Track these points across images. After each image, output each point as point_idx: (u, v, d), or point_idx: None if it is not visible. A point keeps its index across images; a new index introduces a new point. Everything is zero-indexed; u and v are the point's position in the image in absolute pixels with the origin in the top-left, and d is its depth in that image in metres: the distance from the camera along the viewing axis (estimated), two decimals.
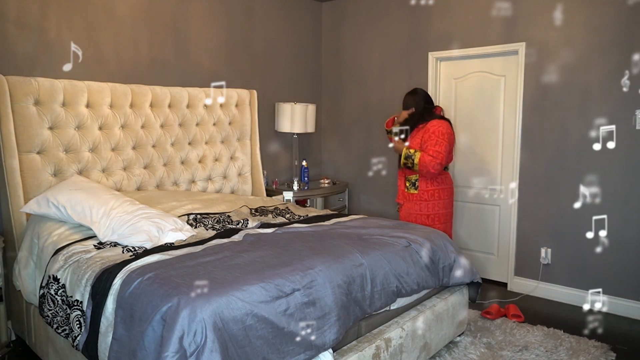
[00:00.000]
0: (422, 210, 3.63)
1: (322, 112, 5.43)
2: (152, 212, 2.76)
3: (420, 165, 3.50)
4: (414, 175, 3.64)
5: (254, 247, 2.48)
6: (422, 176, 3.60)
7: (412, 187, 3.65)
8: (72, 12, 3.34)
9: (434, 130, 3.50)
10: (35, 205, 2.79)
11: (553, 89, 3.83)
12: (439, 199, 3.62)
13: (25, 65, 3.14)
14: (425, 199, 3.61)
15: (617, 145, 3.56)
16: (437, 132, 3.49)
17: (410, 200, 3.68)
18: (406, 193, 3.70)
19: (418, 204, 3.64)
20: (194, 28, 4.09)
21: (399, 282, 2.52)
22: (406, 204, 3.71)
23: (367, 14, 4.93)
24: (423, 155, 3.49)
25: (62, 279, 2.38)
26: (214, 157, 4.10)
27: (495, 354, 2.95)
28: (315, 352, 2.04)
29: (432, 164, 3.46)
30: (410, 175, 3.66)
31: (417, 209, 3.65)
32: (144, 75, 3.76)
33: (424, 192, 3.61)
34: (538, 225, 3.99)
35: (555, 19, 3.76)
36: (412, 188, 3.65)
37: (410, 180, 3.66)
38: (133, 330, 1.92)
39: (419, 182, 3.62)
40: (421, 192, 3.62)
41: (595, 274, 3.73)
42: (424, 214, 3.63)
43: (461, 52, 4.30)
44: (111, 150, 3.42)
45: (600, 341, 3.15)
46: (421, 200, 3.63)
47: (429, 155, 3.46)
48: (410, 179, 3.66)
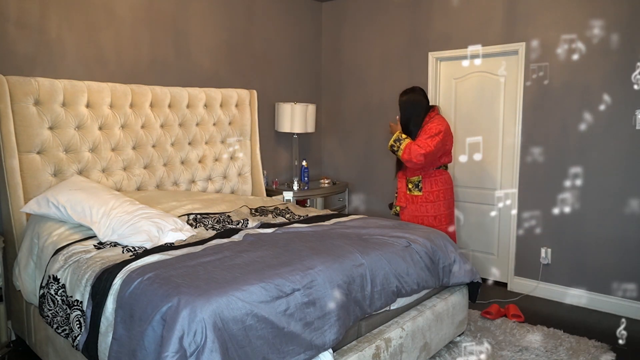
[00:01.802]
0: (429, 211, 3.55)
1: (322, 112, 5.43)
2: (152, 212, 2.76)
3: (404, 152, 3.40)
4: (416, 177, 3.56)
5: (254, 247, 2.48)
6: (425, 176, 3.54)
7: (416, 189, 3.56)
8: (72, 12, 3.34)
9: (432, 126, 3.43)
10: (35, 205, 2.79)
11: (553, 88, 3.83)
12: (444, 200, 3.56)
13: (25, 65, 3.14)
14: (431, 200, 3.54)
15: (617, 145, 3.56)
16: (434, 128, 3.40)
17: (414, 202, 3.59)
18: (409, 195, 3.62)
19: (424, 205, 3.56)
20: (194, 28, 4.09)
21: (399, 282, 2.52)
22: (409, 206, 3.61)
23: (367, 14, 4.93)
24: (411, 143, 3.40)
25: (62, 279, 2.38)
26: (214, 157, 4.10)
27: (495, 354, 2.95)
28: (315, 352, 2.04)
29: (416, 153, 3.34)
30: (412, 177, 3.58)
31: (424, 211, 3.56)
32: (144, 75, 3.76)
33: (430, 194, 3.54)
34: (538, 225, 3.99)
35: (555, 19, 3.76)
36: (415, 190, 3.57)
37: (413, 181, 3.58)
38: (133, 330, 1.92)
39: (423, 183, 3.54)
40: (426, 194, 3.54)
41: (595, 274, 3.73)
42: (431, 216, 3.55)
43: (461, 52, 4.30)
44: (111, 150, 3.42)
45: (600, 341, 3.15)
46: (427, 202, 3.55)
47: (416, 145, 3.37)
48: (412, 180, 3.58)
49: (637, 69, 3.48)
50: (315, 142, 5.39)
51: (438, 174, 3.56)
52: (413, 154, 3.36)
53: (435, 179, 3.55)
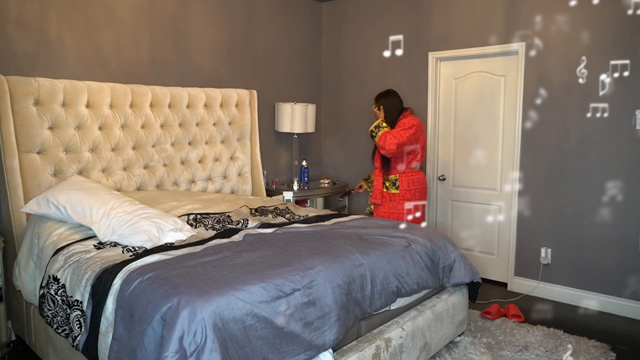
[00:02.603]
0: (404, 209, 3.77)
1: (322, 112, 5.43)
2: (152, 212, 2.76)
3: (380, 139, 3.70)
4: (393, 176, 3.80)
5: (254, 247, 2.48)
6: (401, 175, 3.78)
7: (393, 187, 3.80)
8: (72, 12, 3.34)
9: (406, 121, 3.73)
10: (35, 205, 2.79)
11: (553, 89, 3.83)
12: (419, 198, 3.81)
13: (25, 65, 3.14)
14: (407, 198, 3.77)
15: (617, 145, 3.56)
16: (408, 123, 3.71)
17: (392, 200, 3.81)
18: (385, 193, 3.84)
19: (401, 203, 3.78)
20: (195, 28, 4.09)
21: (399, 282, 2.52)
22: (385, 203, 3.83)
23: (367, 14, 4.94)
24: (388, 132, 3.69)
25: (62, 279, 2.38)
26: (214, 157, 4.10)
27: (495, 354, 2.95)
28: (315, 352, 2.04)
29: (390, 142, 3.64)
30: (390, 176, 3.81)
31: (400, 208, 3.77)
32: (144, 75, 3.76)
33: (407, 192, 3.78)
34: (538, 225, 3.99)
35: (555, 19, 3.76)
36: (392, 188, 3.80)
37: (390, 180, 3.81)
38: (133, 330, 1.92)
39: (400, 181, 3.78)
40: (403, 192, 3.77)
41: (595, 274, 3.73)
42: (406, 213, 3.77)
43: (461, 52, 4.30)
44: (111, 150, 3.42)
45: (600, 341, 3.15)
46: (404, 200, 3.77)
47: (392, 134, 3.66)
48: (389, 178, 3.82)
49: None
50: (315, 142, 5.39)
51: (414, 173, 3.82)
52: (387, 142, 3.66)
53: (412, 178, 3.80)
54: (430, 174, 4.61)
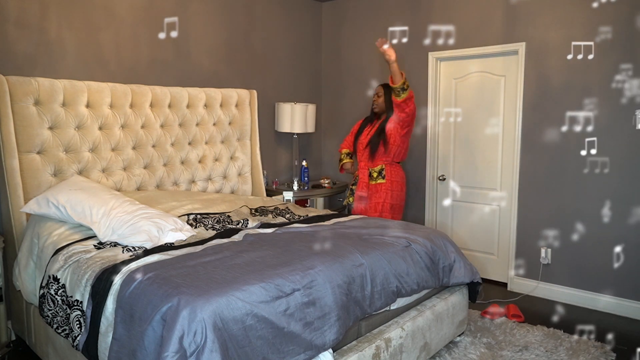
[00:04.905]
0: (387, 199, 3.82)
1: (322, 112, 5.43)
2: (152, 212, 2.76)
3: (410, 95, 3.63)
4: (378, 166, 3.85)
5: (254, 247, 2.48)
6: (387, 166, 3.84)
7: (380, 177, 3.85)
8: (72, 12, 3.34)
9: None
10: (35, 205, 2.79)
11: (553, 89, 3.83)
12: (400, 191, 3.89)
13: (25, 65, 3.14)
14: (392, 188, 3.84)
15: (617, 145, 3.56)
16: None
17: (378, 190, 3.85)
18: (371, 185, 3.87)
19: (386, 193, 3.82)
20: (194, 28, 4.09)
21: (399, 282, 2.52)
22: (371, 195, 3.86)
23: (367, 14, 4.93)
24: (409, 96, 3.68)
25: (62, 279, 2.38)
26: (214, 157, 4.10)
27: (495, 354, 2.95)
28: (315, 352, 2.04)
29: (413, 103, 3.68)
30: (375, 167, 3.86)
31: (383, 198, 3.82)
32: (144, 75, 3.76)
33: (392, 182, 3.84)
34: (538, 225, 3.99)
35: (555, 19, 3.76)
36: (379, 178, 3.85)
37: (376, 170, 3.86)
38: (133, 330, 1.92)
39: (386, 171, 3.84)
40: (389, 182, 3.83)
41: (595, 274, 3.73)
42: (389, 204, 3.82)
43: (461, 52, 4.30)
44: (111, 150, 3.42)
45: (600, 341, 3.15)
46: (389, 190, 3.83)
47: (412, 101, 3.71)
48: (375, 169, 3.87)
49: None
50: (315, 142, 5.39)
51: (398, 167, 3.92)
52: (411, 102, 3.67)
53: (396, 170, 3.90)
54: (430, 174, 4.61)
